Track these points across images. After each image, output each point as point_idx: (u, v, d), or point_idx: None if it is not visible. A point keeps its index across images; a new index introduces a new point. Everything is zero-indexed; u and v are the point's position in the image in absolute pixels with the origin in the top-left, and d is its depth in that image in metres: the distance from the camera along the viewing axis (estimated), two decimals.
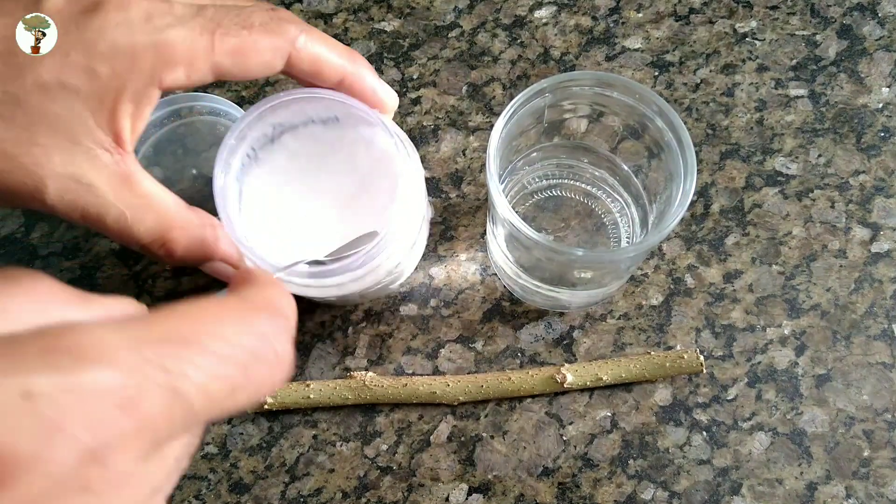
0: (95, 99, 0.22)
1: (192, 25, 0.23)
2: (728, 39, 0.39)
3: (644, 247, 0.27)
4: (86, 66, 0.22)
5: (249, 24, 0.23)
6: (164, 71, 0.23)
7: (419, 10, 0.40)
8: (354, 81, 0.26)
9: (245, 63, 0.24)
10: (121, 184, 0.24)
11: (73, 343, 0.11)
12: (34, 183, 0.22)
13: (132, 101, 0.23)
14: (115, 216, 0.24)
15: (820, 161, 0.36)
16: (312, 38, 0.25)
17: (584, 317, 0.33)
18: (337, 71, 0.26)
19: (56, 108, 0.22)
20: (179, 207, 0.25)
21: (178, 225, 0.25)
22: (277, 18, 0.24)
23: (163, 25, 0.22)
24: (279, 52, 0.24)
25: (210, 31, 0.23)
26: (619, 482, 0.30)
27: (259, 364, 0.14)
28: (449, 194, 0.36)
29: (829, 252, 0.34)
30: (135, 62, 0.22)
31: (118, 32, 0.22)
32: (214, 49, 0.23)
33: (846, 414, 0.31)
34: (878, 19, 0.39)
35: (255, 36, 0.23)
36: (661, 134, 0.29)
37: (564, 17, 0.39)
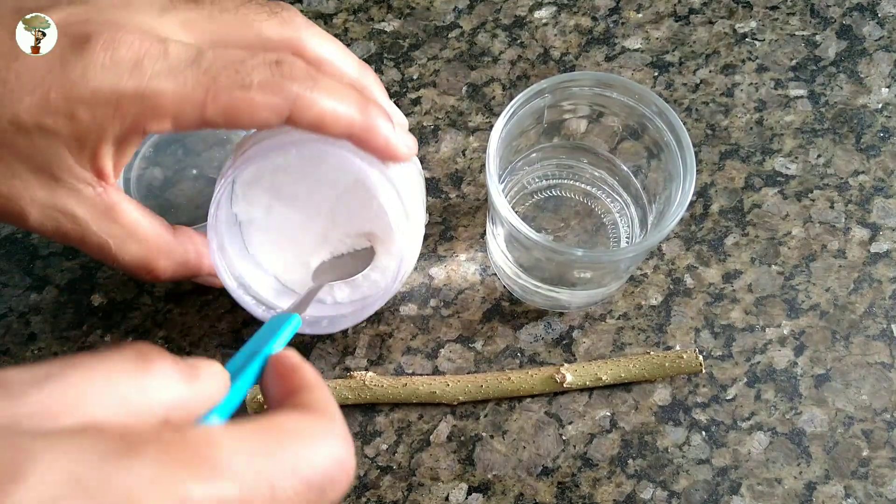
0: (75, 141, 0.21)
1: (185, 78, 0.21)
2: (728, 40, 0.39)
3: (644, 247, 0.27)
4: (66, 110, 0.21)
5: (248, 82, 0.21)
6: (149, 120, 0.21)
7: (419, 11, 0.40)
8: (363, 137, 0.24)
9: (237, 122, 0.22)
10: (103, 215, 0.23)
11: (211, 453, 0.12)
12: (15, 210, 0.22)
13: (114, 145, 0.22)
14: (97, 244, 0.24)
15: (819, 161, 0.36)
16: (316, 97, 0.22)
17: (583, 317, 0.33)
18: (342, 128, 0.23)
19: (35, 147, 0.21)
20: (163, 234, 0.25)
21: (162, 253, 0.25)
22: (280, 75, 0.22)
23: (153, 73, 0.21)
24: (276, 113, 0.22)
25: (204, 86, 0.21)
26: (618, 482, 0.30)
27: (341, 473, 0.15)
28: (449, 194, 0.36)
29: (828, 252, 0.34)
30: (118, 110, 0.21)
31: (103, 77, 0.20)
32: (206, 107, 0.21)
33: (845, 414, 0.31)
34: (878, 19, 0.39)
35: (253, 94, 0.21)
36: (660, 134, 0.29)
37: (564, 18, 0.39)
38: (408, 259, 0.27)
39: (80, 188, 0.23)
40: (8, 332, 0.34)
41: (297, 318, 0.23)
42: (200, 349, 0.33)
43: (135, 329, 0.34)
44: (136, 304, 0.34)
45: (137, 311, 0.34)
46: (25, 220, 0.23)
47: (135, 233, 0.24)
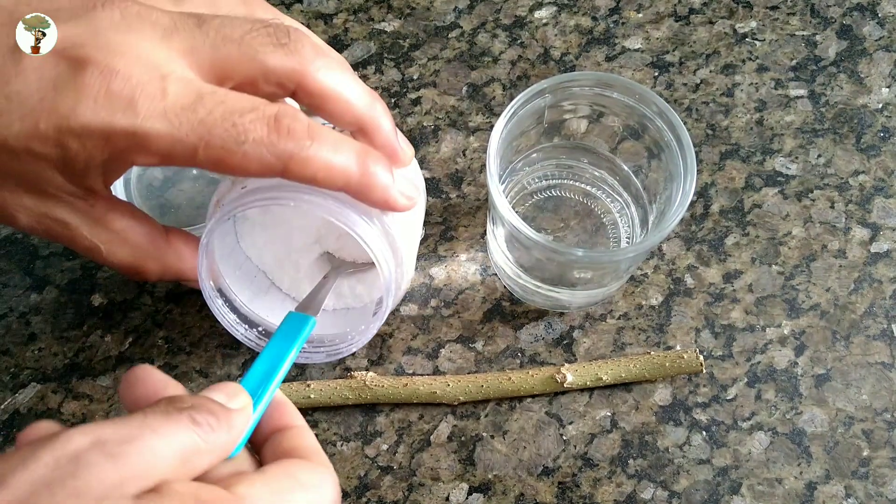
0: (63, 166, 0.21)
1: (181, 122, 0.20)
2: (728, 40, 0.39)
3: (644, 247, 0.27)
4: (55, 140, 0.20)
5: (243, 138, 0.21)
6: (138, 155, 0.21)
7: (419, 11, 0.40)
8: (359, 192, 0.23)
9: (227, 171, 0.22)
10: (94, 222, 0.24)
11: None
12: (6, 214, 0.23)
13: (102, 170, 0.22)
14: (87, 247, 0.24)
15: (820, 161, 0.36)
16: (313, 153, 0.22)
17: (584, 317, 0.33)
18: (339, 184, 0.23)
19: (24, 168, 0.21)
20: (154, 240, 0.25)
21: (151, 257, 0.25)
22: (276, 132, 0.21)
23: (147, 113, 0.20)
24: (268, 169, 0.21)
25: (198, 135, 0.20)
26: (618, 482, 0.30)
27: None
28: (449, 194, 0.36)
29: (828, 252, 0.34)
30: (107, 144, 0.21)
31: (95, 111, 0.20)
32: (197, 153, 0.21)
33: (845, 414, 0.31)
34: (878, 19, 0.39)
35: (246, 150, 0.21)
36: (660, 134, 0.29)
37: (564, 18, 0.39)
38: (394, 299, 0.27)
39: (70, 201, 0.23)
40: (8, 332, 0.34)
41: (312, 322, 0.24)
42: (200, 349, 0.33)
43: (135, 329, 0.34)
44: (137, 304, 0.34)
45: (137, 311, 0.34)
46: (15, 222, 0.23)
47: (125, 239, 0.25)
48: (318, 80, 0.23)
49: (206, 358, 0.33)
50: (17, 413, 0.32)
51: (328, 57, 0.23)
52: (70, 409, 0.32)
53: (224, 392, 0.19)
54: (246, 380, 0.21)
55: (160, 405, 0.17)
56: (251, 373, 0.21)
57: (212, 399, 0.18)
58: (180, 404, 0.17)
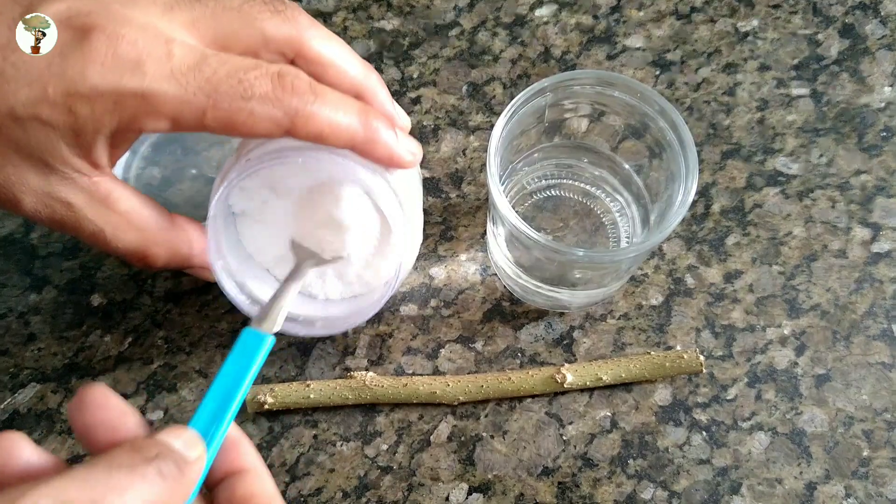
0: (71, 134, 0.21)
1: (187, 82, 0.21)
2: (730, 38, 0.38)
3: (645, 247, 0.27)
4: (63, 105, 0.20)
5: (250, 93, 0.21)
6: (147, 118, 0.21)
7: (419, 9, 0.40)
8: (365, 149, 0.24)
9: (235, 131, 0.22)
10: (99, 203, 0.23)
11: None
12: (9, 197, 0.22)
13: (110, 139, 0.22)
14: (92, 231, 0.23)
15: (821, 161, 0.36)
16: (317, 110, 0.22)
17: (584, 317, 0.33)
18: (344, 141, 0.23)
19: (31, 138, 0.21)
20: (160, 222, 0.25)
21: (156, 241, 0.25)
22: (281, 88, 0.22)
23: (154, 75, 0.21)
24: (276, 125, 0.22)
25: (205, 93, 0.21)
26: (618, 482, 0.30)
27: None
28: (449, 194, 0.36)
29: (829, 252, 0.34)
30: (117, 106, 0.21)
31: (103, 74, 0.20)
32: (205, 114, 0.21)
33: (846, 414, 0.31)
34: (881, 18, 0.39)
35: (254, 106, 0.21)
36: (662, 133, 0.29)
37: (565, 16, 0.39)
38: (406, 263, 0.27)
39: (74, 177, 0.22)
40: (7, 332, 0.34)
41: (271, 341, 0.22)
42: (200, 349, 0.33)
43: (134, 329, 0.34)
44: (136, 304, 0.34)
45: (137, 311, 0.34)
46: (19, 205, 0.22)
47: (130, 221, 0.24)
48: (315, 46, 0.23)
49: (205, 358, 0.33)
50: (17, 413, 0.32)
51: (322, 27, 0.24)
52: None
53: (182, 439, 0.18)
54: (199, 413, 0.20)
55: (125, 454, 0.16)
56: (204, 405, 0.20)
57: (173, 447, 0.18)
58: (146, 453, 0.17)
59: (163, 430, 0.18)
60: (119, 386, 0.33)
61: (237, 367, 0.21)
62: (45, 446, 0.31)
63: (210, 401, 0.20)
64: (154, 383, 0.33)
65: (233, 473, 0.20)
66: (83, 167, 0.22)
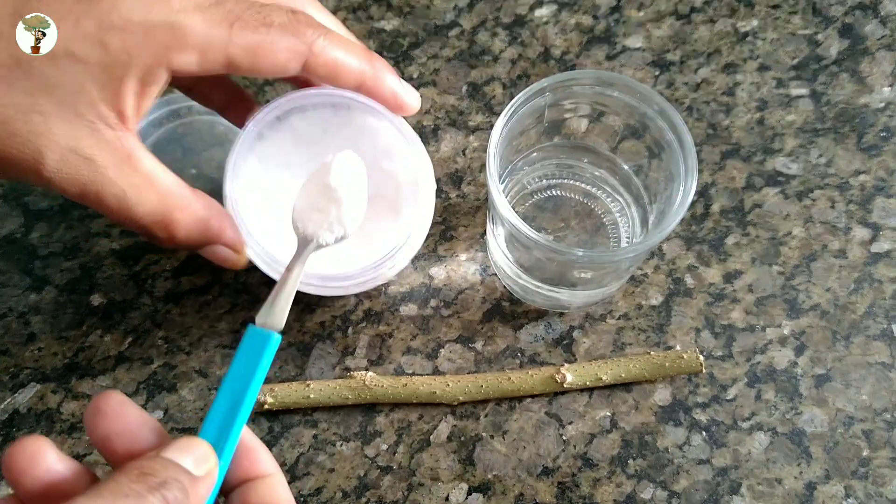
0: (102, 71, 0.21)
1: (212, 13, 0.22)
2: (729, 38, 0.38)
3: (644, 247, 0.27)
4: (96, 37, 0.21)
5: (269, 21, 0.23)
6: (177, 52, 0.22)
7: (419, 9, 0.40)
8: (374, 86, 0.26)
9: (259, 61, 0.23)
10: (122, 161, 0.23)
11: None
12: (32, 153, 0.22)
13: (139, 78, 0.22)
14: (114, 194, 0.23)
15: (821, 161, 0.36)
16: (331, 43, 0.24)
17: (583, 317, 0.33)
18: (355, 76, 0.25)
19: (61, 76, 0.21)
20: (182, 188, 0.25)
21: (181, 205, 0.24)
22: (296, 20, 0.24)
23: (181, 8, 0.22)
24: (296, 54, 0.23)
25: (229, 22, 0.22)
26: (618, 482, 0.30)
27: None
28: (449, 194, 0.36)
29: (829, 252, 0.34)
30: (147, 38, 0.21)
31: (134, 6, 0.21)
32: (231, 41, 0.22)
33: (845, 414, 0.31)
34: (880, 18, 0.39)
35: (274, 35, 0.23)
36: (661, 133, 0.29)
37: (565, 16, 0.39)
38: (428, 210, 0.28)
39: (100, 128, 0.22)
40: (8, 332, 0.34)
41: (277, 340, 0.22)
42: (200, 349, 0.33)
43: (134, 329, 0.34)
44: (136, 304, 0.34)
45: (137, 311, 0.34)
46: (41, 164, 0.22)
47: (153, 182, 0.24)
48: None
49: (205, 358, 0.33)
50: (17, 413, 0.32)
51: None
52: (69, 409, 0.32)
53: (193, 455, 0.18)
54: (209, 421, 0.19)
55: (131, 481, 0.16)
56: (213, 411, 0.20)
57: (181, 467, 0.17)
58: (153, 479, 0.16)
59: (175, 443, 0.18)
60: (119, 386, 0.33)
61: (244, 368, 0.21)
62: None
63: (220, 406, 0.20)
64: (154, 383, 0.33)
65: (248, 480, 0.20)
66: (110, 117, 0.22)
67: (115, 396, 0.18)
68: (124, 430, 0.18)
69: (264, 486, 0.19)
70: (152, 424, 0.19)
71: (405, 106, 0.27)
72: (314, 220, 0.27)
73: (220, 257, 0.27)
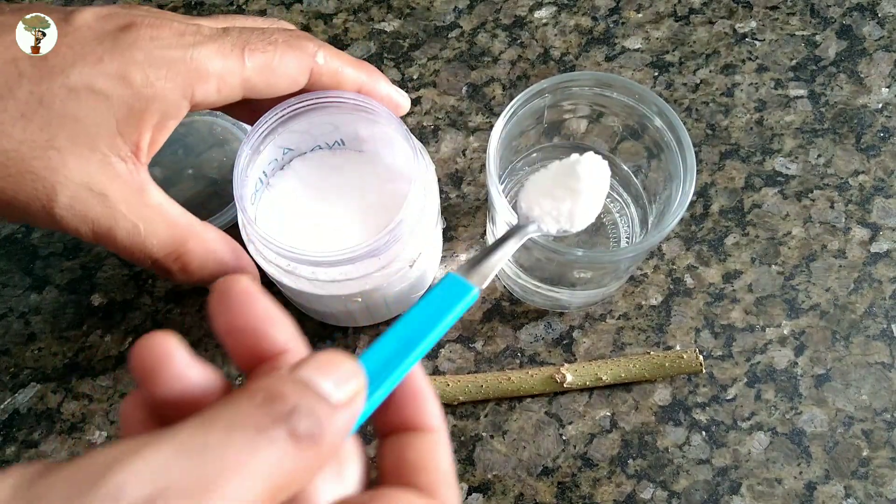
0: (124, 106, 0.22)
1: (223, 43, 0.23)
2: (728, 40, 0.39)
3: (643, 247, 0.27)
4: (119, 73, 0.22)
5: (273, 41, 0.24)
6: (197, 83, 0.23)
7: (419, 11, 0.40)
8: (370, 91, 0.27)
9: (273, 78, 0.24)
10: (134, 195, 0.23)
11: None
12: (45, 191, 0.22)
13: (162, 111, 0.23)
14: (127, 229, 0.23)
15: (819, 161, 0.36)
16: (330, 54, 0.26)
17: (583, 317, 0.33)
18: (355, 83, 0.26)
19: (81, 110, 0.22)
20: (192, 219, 0.25)
21: (192, 235, 0.25)
22: (296, 37, 0.25)
23: (195, 42, 0.23)
24: (303, 66, 0.25)
25: (240, 47, 0.23)
26: (618, 482, 0.30)
27: None
28: (449, 194, 0.36)
29: (828, 252, 0.34)
30: (169, 72, 0.22)
31: (152, 45, 0.22)
32: (245, 64, 0.23)
33: (845, 414, 0.31)
34: (878, 19, 0.39)
35: (281, 52, 0.24)
36: (660, 134, 0.29)
37: (564, 18, 0.39)
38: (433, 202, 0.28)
39: (113, 162, 0.22)
40: (8, 332, 0.34)
41: (475, 292, 0.19)
42: (200, 349, 0.33)
43: (135, 329, 0.34)
44: (136, 305, 0.34)
45: (137, 311, 0.34)
46: (53, 202, 0.22)
47: (165, 216, 0.24)
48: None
49: (205, 358, 0.33)
50: (17, 413, 0.32)
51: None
52: (70, 409, 0.32)
53: (334, 377, 0.14)
54: (372, 352, 0.16)
55: (251, 407, 0.13)
56: (381, 343, 0.16)
57: (317, 392, 0.13)
58: (281, 406, 0.13)
59: (314, 359, 0.14)
60: (120, 386, 0.33)
61: (430, 310, 0.18)
62: (45, 447, 0.31)
63: (389, 340, 0.16)
64: None
65: (407, 429, 0.16)
66: (125, 151, 0.23)
67: (242, 283, 0.15)
68: (252, 329, 0.15)
69: (426, 442, 0.16)
70: (287, 328, 0.15)
71: (398, 107, 0.28)
72: (542, 206, 0.27)
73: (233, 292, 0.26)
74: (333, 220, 0.29)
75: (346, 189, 0.30)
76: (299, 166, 0.30)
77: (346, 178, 0.30)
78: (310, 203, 0.30)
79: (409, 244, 0.27)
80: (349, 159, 0.31)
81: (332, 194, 0.30)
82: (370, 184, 0.30)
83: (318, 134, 0.30)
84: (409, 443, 0.16)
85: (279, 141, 0.29)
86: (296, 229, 0.29)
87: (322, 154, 0.31)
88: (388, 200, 0.29)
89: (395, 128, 0.27)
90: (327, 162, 0.30)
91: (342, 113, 0.28)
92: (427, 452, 0.16)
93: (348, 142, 0.30)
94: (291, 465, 0.13)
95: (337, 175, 0.30)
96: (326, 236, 0.29)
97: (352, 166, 0.30)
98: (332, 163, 0.30)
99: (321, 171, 0.30)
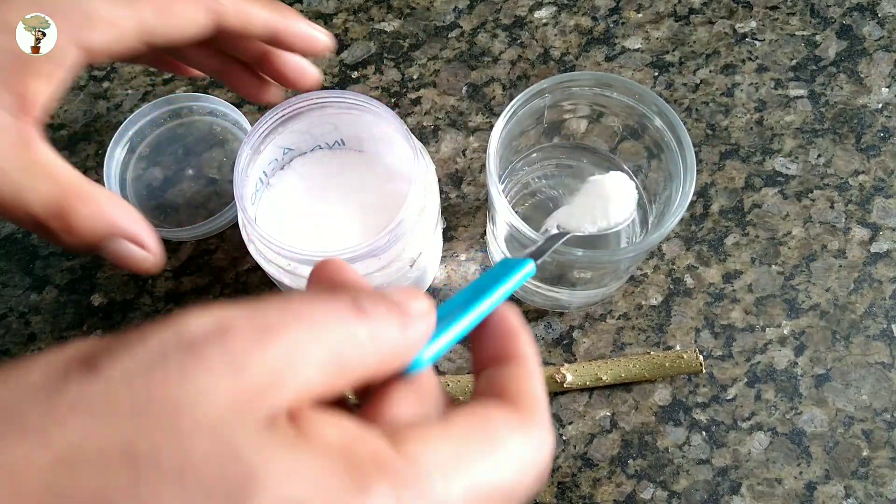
0: (7, 53, 0.21)
1: None
2: (728, 40, 0.39)
3: (643, 247, 0.27)
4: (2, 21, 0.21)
5: None
6: (87, 29, 0.21)
7: (419, 11, 0.40)
8: (286, 30, 0.25)
9: (170, 19, 0.23)
10: (14, 147, 0.21)
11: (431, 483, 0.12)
12: None
13: (49, 60, 0.21)
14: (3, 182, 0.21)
15: (819, 161, 0.36)
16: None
17: (583, 317, 0.33)
18: (267, 23, 0.25)
19: None
20: (83, 180, 0.23)
21: (80, 194, 0.22)
22: None
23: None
24: (201, 5, 0.23)
25: None
26: (618, 482, 0.30)
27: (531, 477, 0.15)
28: (449, 194, 0.36)
29: (828, 252, 0.34)
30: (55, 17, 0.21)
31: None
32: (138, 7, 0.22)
33: (845, 414, 0.31)
34: (878, 19, 0.39)
35: None
36: (660, 134, 0.29)
37: (564, 18, 0.39)
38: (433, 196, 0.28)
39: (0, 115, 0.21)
40: (8, 332, 0.34)
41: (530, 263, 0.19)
42: None
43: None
44: (136, 304, 0.34)
45: (137, 311, 0.34)
46: None
47: (49, 170, 0.22)
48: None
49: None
50: None
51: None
52: None
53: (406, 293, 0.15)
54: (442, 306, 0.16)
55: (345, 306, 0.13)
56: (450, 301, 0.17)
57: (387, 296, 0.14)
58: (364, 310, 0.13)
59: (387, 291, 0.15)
60: None
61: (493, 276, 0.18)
62: None
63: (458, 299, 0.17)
64: None
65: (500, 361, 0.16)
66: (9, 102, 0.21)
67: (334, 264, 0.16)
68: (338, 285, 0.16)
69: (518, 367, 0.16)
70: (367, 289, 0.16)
71: (318, 46, 0.26)
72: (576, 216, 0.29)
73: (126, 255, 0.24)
74: (333, 220, 0.29)
75: (346, 189, 0.30)
76: (299, 166, 0.30)
77: (347, 177, 0.30)
78: (310, 203, 0.30)
79: (409, 244, 0.27)
80: (349, 159, 0.31)
81: (332, 194, 0.30)
82: (370, 184, 0.30)
83: (318, 134, 0.30)
84: (501, 370, 0.16)
85: (279, 141, 0.29)
86: (296, 229, 0.29)
87: (322, 154, 0.31)
88: (389, 200, 0.29)
89: (395, 128, 0.27)
90: (327, 162, 0.31)
91: (342, 113, 0.28)
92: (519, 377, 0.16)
93: (348, 142, 0.30)
94: (354, 340, 0.13)
95: (337, 175, 0.30)
96: (326, 236, 0.29)
97: (352, 166, 0.30)
98: (333, 163, 0.31)
99: (321, 170, 0.30)
